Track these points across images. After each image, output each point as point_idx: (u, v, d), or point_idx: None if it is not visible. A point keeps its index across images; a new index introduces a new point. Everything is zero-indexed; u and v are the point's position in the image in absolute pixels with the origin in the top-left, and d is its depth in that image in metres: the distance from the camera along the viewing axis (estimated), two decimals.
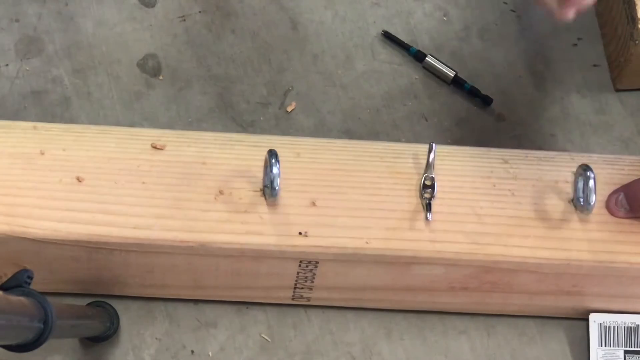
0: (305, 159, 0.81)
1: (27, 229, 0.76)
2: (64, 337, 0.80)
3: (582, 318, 0.84)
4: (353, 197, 0.79)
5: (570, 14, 0.76)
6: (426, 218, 0.78)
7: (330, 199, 0.79)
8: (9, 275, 0.66)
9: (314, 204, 0.78)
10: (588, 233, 0.79)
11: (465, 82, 0.94)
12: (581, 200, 0.79)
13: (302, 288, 0.82)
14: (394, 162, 0.81)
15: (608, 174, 0.82)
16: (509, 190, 0.81)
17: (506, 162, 0.82)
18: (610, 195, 0.80)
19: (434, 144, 0.79)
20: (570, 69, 0.97)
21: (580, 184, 0.79)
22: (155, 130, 0.83)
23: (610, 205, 0.80)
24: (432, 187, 0.79)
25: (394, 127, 0.93)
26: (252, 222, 0.77)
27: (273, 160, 0.76)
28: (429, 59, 0.95)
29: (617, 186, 0.81)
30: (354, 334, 0.85)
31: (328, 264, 0.79)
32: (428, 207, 0.78)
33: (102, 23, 0.96)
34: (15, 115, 0.91)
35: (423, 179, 0.79)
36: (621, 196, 0.80)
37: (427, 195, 0.79)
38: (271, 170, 0.76)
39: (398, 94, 0.94)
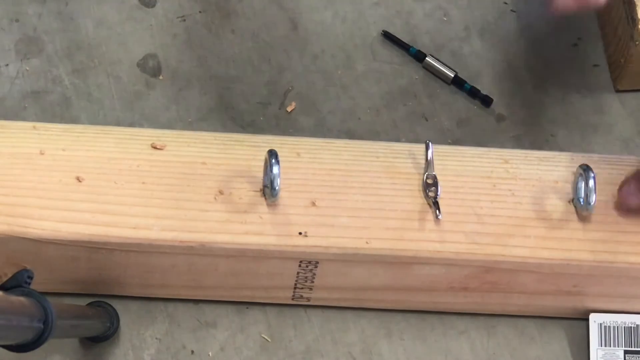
0: (305, 159, 0.81)
1: (27, 229, 0.76)
2: (64, 337, 0.80)
3: (582, 318, 0.84)
4: (353, 197, 0.79)
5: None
6: (436, 217, 0.78)
7: (330, 199, 0.79)
8: (9, 275, 0.66)
9: (314, 204, 0.78)
10: (588, 233, 0.79)
11: (465, 82, 0.94)
12: (581, 200, 0.79)
13: (302, 288, 0.82)
14: (394, 162, 0.81)
15: (608, 174, 0.82)
16: (509, 190, 0.81)
17: (506, 162, 0.82)
18: (621, 189, 0.78)
19: (429, 142, 0.79)
20: (570, 69, 0.96)
21: (580, 184, 0.79)
22: (155, 130, 0.83)
23: (624, 196, 0.78)
24: (435, 184, 0.79)
25: (394, 127, 0.93)
26: (252, 222, 0.77)
27: (273, 160, 0.76)
28: (429, 59, 0.95)
29: (617, 186, 0.81)
30: (354, 334, 0.85)
31: (328, 264, 0.79)
32: (436, 206, 0.78)
33: (102, 23, 0.96)
34: (15, 115, 0.91)
35: (425, 178, 0.79)
36: (632, 185, 0.78)
37: (431, 194, 0.79)
38: (271, 170, 0.76)
39: (398, 94, 0.94)
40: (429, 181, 0.79)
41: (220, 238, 0.77)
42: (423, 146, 0.80)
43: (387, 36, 0.97)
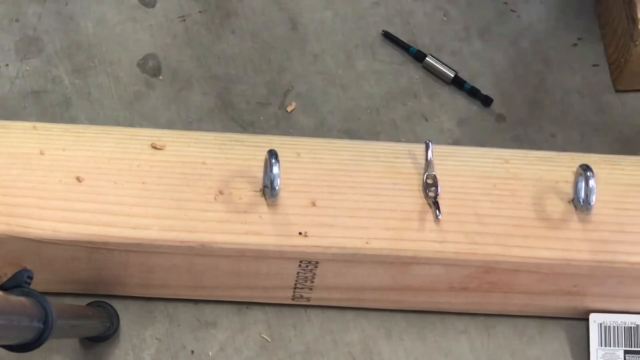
0: (305, 159, 0.81)
1: (27, 229, 0.76)
2: (64, 337, 0.80)
3: (582, 318, 0.84)
4: (353, 197, 0.79)
5: None
6: (436, 217, 0.78)
7: (330, 199, 0.79)
8: (9, 275, 0.66)
9: (314, 204, 0.78)
10: (588, 233, 0.79)
11: (465, 82, 0.94)
12: (581, 200, 0.79)
13: (302, 288, 0.82)
14: (394, 162, 0.81)
15: (608, 174, 0.82)
16: (509, 190, 0.81)
17: (506, 162, 0.82)
18: None
19: (430, 142, 0.79)
20: (570, 69, 0.97)
21: (580, 184, 0.79)
22: (155, 130, 0.83)
23: None
24: (434, 184, 0.79)
25: (394, 127, 0.93)
26: (252, 222, 0.77)
27: (273, 160, 0.76)
28: (429, 59, 0.95)
29: (617, 186, 0.81)
30: (354, 334, 0.85)
31: (328, 264, 0.79)
32: (436, 206, 0.78)
33: (102, 23, 0.96)
34: (15, 115, 0.91)
35: (425, 178, 0.79)
36: None
37: (431, 194, 0.79)
38: (271, 170, 0.76)
39: (398, 94, 0.94)
40: (429, 181, 0.79)
41: (220, 238, 0.77)
42: (423, 146, 0.80)
43: (387, 36, 0.97)
